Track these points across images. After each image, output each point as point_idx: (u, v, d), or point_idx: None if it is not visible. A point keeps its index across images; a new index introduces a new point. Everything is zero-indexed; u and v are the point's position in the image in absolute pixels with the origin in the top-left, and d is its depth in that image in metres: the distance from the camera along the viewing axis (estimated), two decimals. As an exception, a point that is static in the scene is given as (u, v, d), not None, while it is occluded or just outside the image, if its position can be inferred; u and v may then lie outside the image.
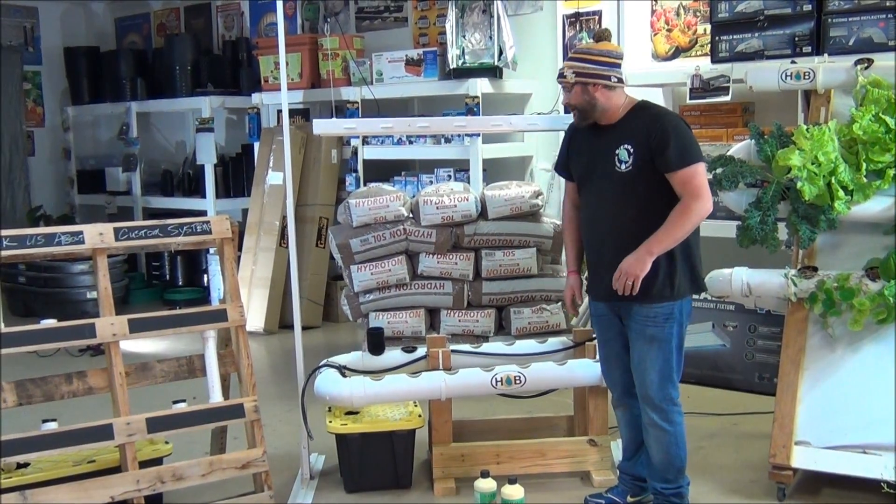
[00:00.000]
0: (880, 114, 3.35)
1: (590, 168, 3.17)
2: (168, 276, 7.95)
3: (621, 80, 3.08)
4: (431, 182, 5.81)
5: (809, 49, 4.39)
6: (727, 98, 4.67)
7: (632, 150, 3.02)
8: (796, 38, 4.45)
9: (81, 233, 3.19)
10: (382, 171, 6.23)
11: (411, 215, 4.54)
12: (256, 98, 6.91)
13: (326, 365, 3.64)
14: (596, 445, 3.62)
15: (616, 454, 3.70)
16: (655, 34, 5.45)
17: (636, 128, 3.04)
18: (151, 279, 8.09)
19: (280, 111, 5.67)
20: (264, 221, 6.56)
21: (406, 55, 6.04)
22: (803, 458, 3.30)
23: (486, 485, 3.24)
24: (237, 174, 7.47)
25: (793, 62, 3.75)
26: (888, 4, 4.20)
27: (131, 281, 7.61)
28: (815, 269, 3.45)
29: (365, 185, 5.31)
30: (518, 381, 3.53)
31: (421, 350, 3.69)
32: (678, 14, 5.37)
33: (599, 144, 3.12)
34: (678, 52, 5.39)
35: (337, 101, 6.34)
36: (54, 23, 8.71)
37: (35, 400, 3.10)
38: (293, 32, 7.13)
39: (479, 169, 5.58)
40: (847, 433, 3.28)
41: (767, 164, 3.47)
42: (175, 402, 3.41)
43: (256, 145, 6.91)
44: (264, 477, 3.36)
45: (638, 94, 3.24)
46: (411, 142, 6.05)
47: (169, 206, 7.71)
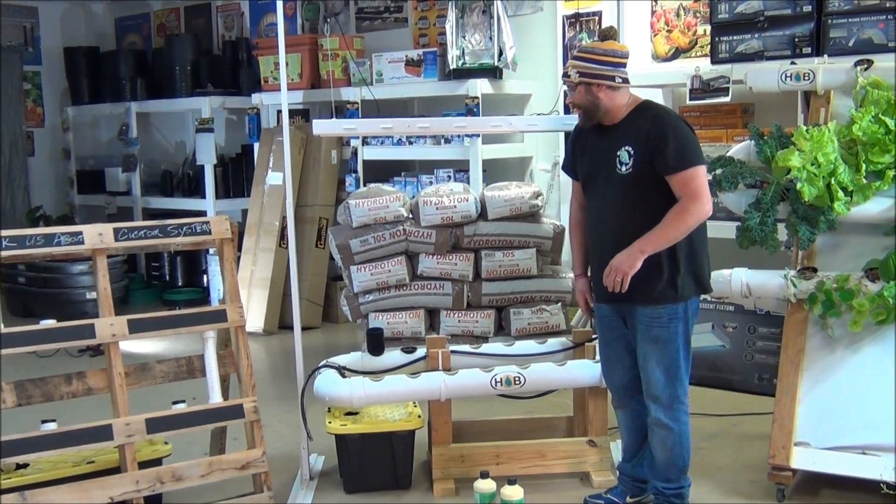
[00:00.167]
0: (880, 115, 3.35)
1: (593, 169, 3.15)
2: (168, 277, 7.95)
3: (626, 81, 3.06)
4: (431, 183, 5.80)
5: (809, 50, 4.39)
6: (727, 99, 4.67)
7: (632, 152, 3.00)
8: (796, 39, 4.45)
9: (81, 233, 3.19)
10: (382, 172, 6.23)
11: (411, 216, 4.54)
12: (256, 98, 6.91)
13: (326, 365, 3.63)
14: (595, 446, 3.62)
15: (615, 455, 3.70)
16: (655, 35, 5.45)
17: (637, 129, 3.01)
18: (151, 280, 8.09)
19: (280, 111, 5.67)
20: (264, 222, 6.56)
21: (406, 56, 6.04)
22: (803, 459, 3.30)
23: (486, 485, 3.24)
24: (237, 175, 7.47)
25: (793, 63, 3.75)
26: (888, 5, 4.20)
27: (131, 281, 7.61)
28: (815, 270, 3.45)
29: (365, 186, 5.30)
30: (517, 382, 3.53)
31: (420, 351, 3.69)
32: (678, 15, 5.38)
33: (603, 145, 3.11)
34: (678, 53, 5.39)
35: (337, 102, 6.35)
36: (54, 23, 8.71)
37: (34, 400, 3.10)
38: (293, 33, 7.13)
39: (479, 169, 5.58)
40: (846, 434, 3.28)
41: (767, 165, 3.47)
42: (174, 403, 3.41)
43: (256, 146, 6.91)
44: (264, 477, 3.36)
45: (638, 95, 3.23)
46: (411, 142, 6.05)
47: (168, 207, 7.71)
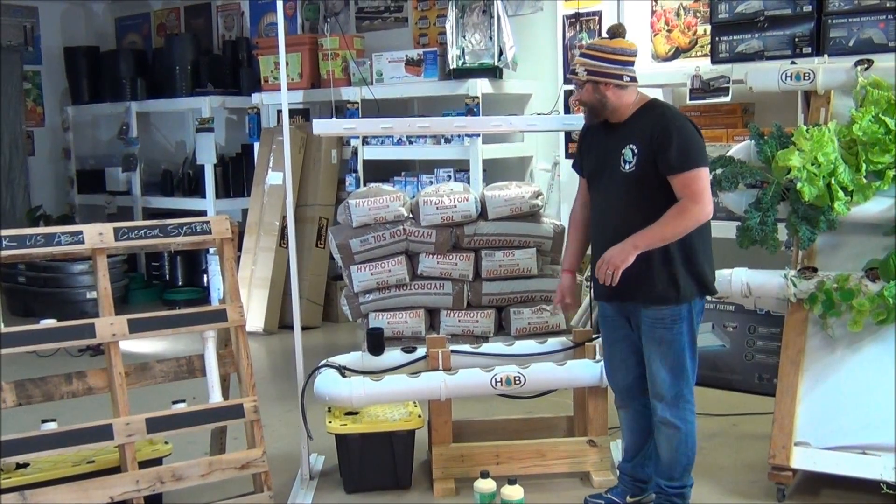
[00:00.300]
0: (880, 115, 3.35)
1: (598, 167, 3.14)
2: (168, 277, 7.95)
3: (634, 79, 3.04)
4: (431, 182, 5.80)
5: (809, 50, 4.39)
6: (727, 99, 4.68)
7: (636, 151, 2.98)
8: (796, 39, 4.45)
9: (81, 233, 3.19)
10: (382, 172, 6.23)
11: (411, 215, 4.54)
12: (256, 98, 6.91)
13: (326, 365, 3.63)
14: (595, 446, 3.62)
15: (616, 454, 3.70)
16: (655, 35, 5.45)
17: (642, 128, 3.00)
18: (151, 279, 8.09)
19: (280, 111, 5.68)
20: (264, 221, 6.56)
21: (406, 55, 6.04)
22: (803, 459, 3.30)
23: (486, 485, 3.24)
24: (237, 174, 7.46)
25: (793, 63, 3.75)
26: (888, 5, 4.20)
27: (131, 281, 7.62)
28: (815, 270, 3.45)
29: (365, 186, 5.31)
30: (518, 382, 3.53)
31: (421, 350, 3.69)
32: (678, 15, 5.37)
33: (608, 143, 3.09)
34: (678, 53, 5.39)
35: (337, 102, 6.35)
36: (54, 22, 8.71)
37: (34, 400, 3.10)
38: (293, 32, 7.13)
39: (479, 169, 5.58)
40: (846, 434, 3.28)
41: (767, 165, 3.47)
42: (174, 403, 3.41)
43: (256, 145, 6.91)
44: (264, 477, 3.36)
45: (646, 93, 3.19)
46: (411, 142, 6.05)
47: (169, 206, 7.71)
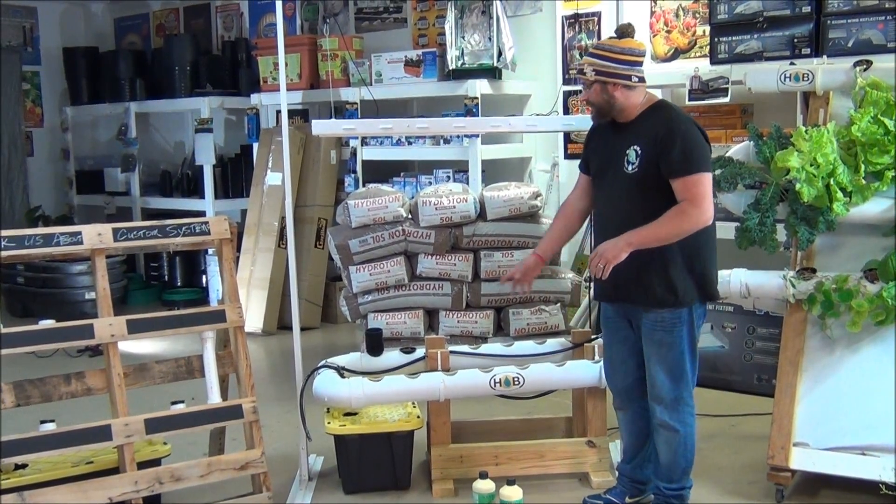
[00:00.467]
0: (879, 115, 3.35)
1: (603, 166, 3.13)
2: (167, 277, 7.94)
3: (642, 79, 3.02)
4: (430, 183, 5.80)
5: (808, 51, 4.39)
6: (726, 99, 4.68)
7: (639, 152, 2.97)
8: (795, 40, 4.45)
9: (80, 233, 3.18)
10: (381, 172, 6.22)
11: (410, 216, 4.54)
12: (255, 99, 6.91)
13: (325, 366, 3.63)
14: (594, 447, 3.62)
15: (615, 455, 3.70)
16: (654, 35, 5.45)
17: (647, 129, 2.98)
18: (150, 280, 8.09)
19: (279, 112, 5.67)
20: (263, 222, 6.56)
21: (405, 56, 6.04)
22: (802, 460, 3.30)
23: (485, 486, 3.24)
24: (236, 175, 7.46)
25: (792, 64, 3.75)
26: (887, 6, 4.20)
27: (130, 281, 7.61)
28: (814, 271, 3.46)
29: (364, 186, 5.30)
30: (517, 383, 3.53)
31: (419, 351, 3.69)
32: (677, 15, 5.38)
33: (614, 143, 3.08)
34: (677, 54, 5.39)
35: (336, 102, 6.35)
36: (53, 23, 8.70)
37: (33, 401, 3.10)
38: (292, 33, 7.13)
39: (478, 170, 5.58)
40: (845, 434, 3.28)
41: (766, 166, 3.47)
42: (173, 403, 3.41)
43: (255, 146, 6.91)
44: (263, 478, 3.36)
45: (654, 94, 3.18)
46: (410, 143, 6.05)
47: (168, 207, 7.71)
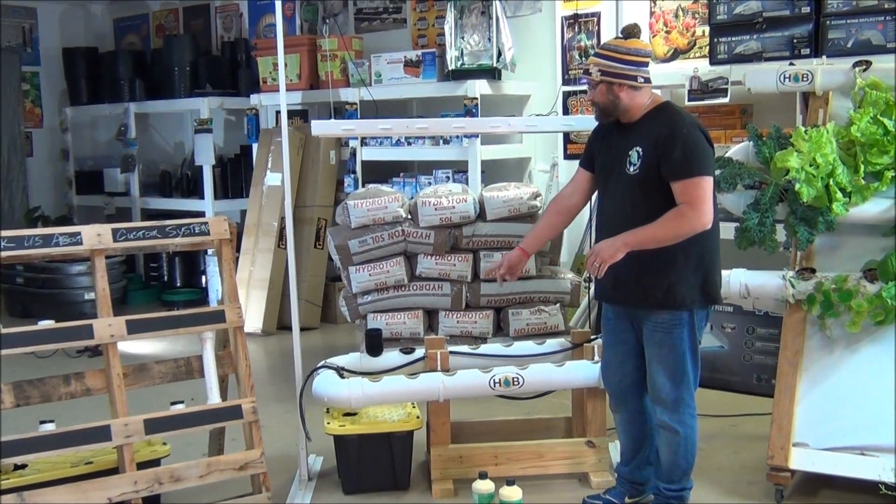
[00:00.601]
0: (878, 116, 3.36)
1: (606, 167, 3.12)
2: (166, 278, 7.94)
3: (648, 80, 3.01)
4: (430, 183, 5.80)
5: (808, 51, 4.40)
6: (725, 100, 4.68)
7: (642, 153, 2.96)
8: (795, 40, 4.46)
9: (79, 234, 3.18)
10: (381, 173, 6.23)
11: (409, 216, 4.54)
12: (255, 99, 6.92)
13: (324, 366, 3.63)
14: (594, 447, 3.62)
15: (614, 455, 3.70)
16: (654, 36, 5.45)
17: (650, 130, 2.97)
18: (149, 280, 8.08)
19: (279, 112, 5.66)
20: (262, 222, 6.55)
21: (405, 56, 6.04)
22: (801, 460, 3.30)
23: (485, 486, 3.24)
24: (235, 175, 7.46)
25: (791, 64, 3.75)
26: (886, 7, 4.21)
27: (129, 282, 7.61)
28: (814, 271, 3.46)
29: (363, 187, 5.31)
30: (516, 383, 3.53)
31: (419, 351, 3.69)
32: (677, 16, 5.38)
33: (618, 143, 3.07)
34: (677, 54, 5.39)
35: (335, 103, 6.35)
36: (53, 23, 8.70)
37: (33, 401, 3.09)
38: (292, 33, 7.14)
39: (478, 170, 5.58)
40: (845, 435, 3.28)
41: (766, 166, 3.48)
42: (173, 404, 3.41)
43: (255, 146, 6.91)
44: (262, 478, 3.36)
45: (659, 95, 3.18)
46: (410, 143, 6.05)
47: (167, 207, 7.70)
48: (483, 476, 3.26)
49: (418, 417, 3.65)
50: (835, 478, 3.33)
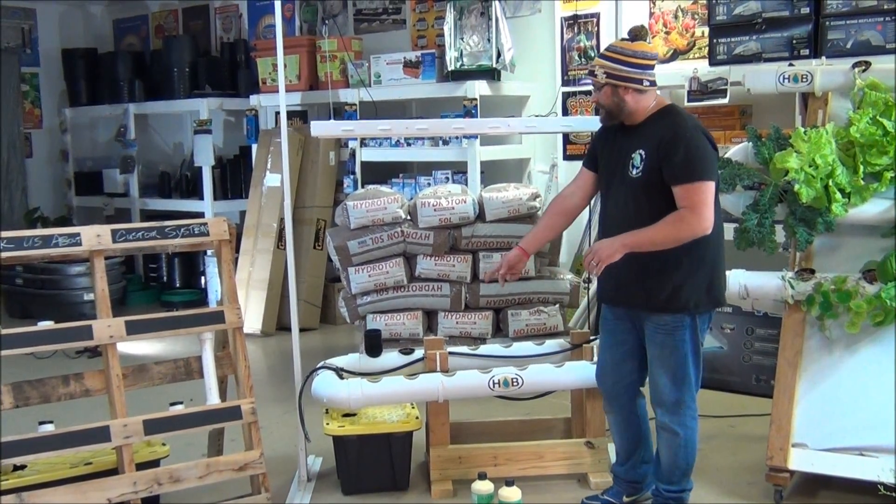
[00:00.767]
0: (878, 116, 3.35)
1: (610, 169, 3.11)
2: (165, 278, 7.94)
3: (653, 84, 2.99)
4: (429, 184, 5.81)
5: (807, 52, 4.40)
6: (725, 100, 4.69)
7: (644, 156, 2.95)
8: (794, 41, 4.46)
9: (79, 234, 3.18)
10: (380, 173, 6.23)
11: (409, 217, 4.54)
12: (254, 100, 6.92)
13: (324, 367, 3.63)
14: (593, 447, 3.62)
15: (613, 456, 3.69)
16: (653, 37, 5.45)
17: (653, 133, 2.95)
18: (149, 281, 8.09)
19: (278, 113, 5.66)
20: (262, 223, 6.55)
21: (404, 57, 6.04)
22: (800, 461, 3.30)
23: (484, 487, 3.24)
24: (235, 176, 7.46)
25: (790, 65, 3.75)
26: (886, 7, 4.21)
27: (129, 283, 7.60)
28: (813, 272, 3.46)
29: (363, 187, 5.31)
30: (515, 384, 3.53)
31: (418, 352, 3.69)
32: (676, 17, 5.38)
33: (622, 146, 3.06)
34: (676, 55, 5.40)
35: (335, 103, 6.35)
36: (52, 24, 8.70)
37: (32, 402, 3.09)
38: (291, 34, 7.14)
39: (477, 171, 5.58)
40: (844, 435, 3.28)
41: (765, 167, 3.47)
42: (172, 404, 3.40)
43: (254, 147, 6.91)
44: (261, 479, 3.36)
45: (664, 97, 3.16)
46: (409, 144, 6.05)
47: (166, 208, 7.70)
48: (482, 477, 3.26)
49: (417, 418, 3.65)
50: (834, 478, 3.33)
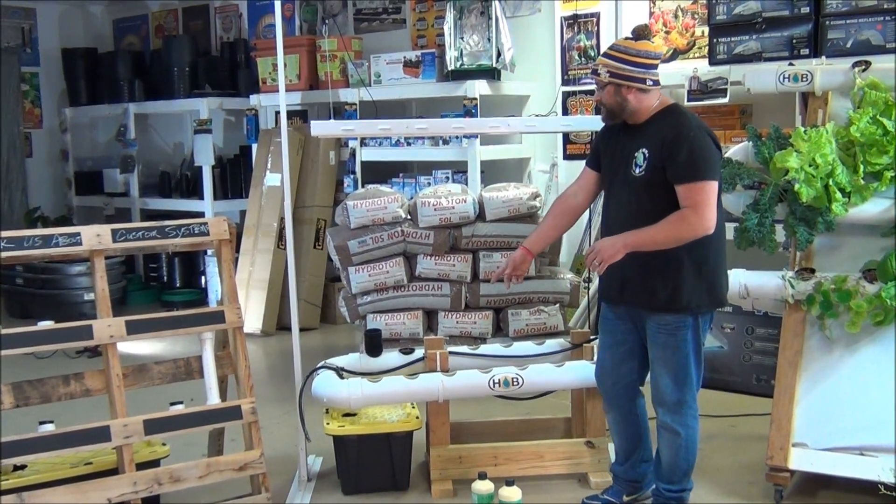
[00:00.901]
0: (878, 116, 3.35)
1: (613, 168, 3.11)
2: (165, 278, 7.94)
3: (657, 83, 2.99)
4: (429, 184, 5.81)
5: (807, 51, 4.40)
6: (725, 100, 4.69)
7: (648, 155, 2.94)
8: (794, 41, 4.46)
9: (79, 234, 3.18)
10: (380, 173, 6.23)
11: (409, 217, 4.54)
12: (254, 99, 6.92)
13: (324, 367, 3.63)
14: (593, 447, 3.62)
15: (613, 456, 3.69)
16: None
17: (656, 132, 2.95)
18: (149, 281, 8.09)
19: (278, 113, 5.67)
20: (262, 223, 6.56)
21: (404, 57, 6.04)
22: (800, 460, 3.30)
23: (484, 486, 3.24)
24: (235, 176, 7.46)
25: (790, 64, 3.75)
26: (886, 7, 4.21)
27: (129, 282, 7.61)
28: (813, 271, 3.46)
29: (363, 187, 5.31)
30: (516, 383, 3.53)
31: (418, 352, 3.69)
32: (676, 16, 5.38)
33: (624, 145, 3.05)
34: (676, 55, 5.39)
35: (335, 103, 6.35)
36: (52, 24, 8.70)
37: (32, 402, 3.09)
38: (291, 34, 7.13)
39: (477, 170, 5.58)
40: (844, 435, 3.28)
41: (765, 166, 3.47)
42: (172, 404, 3.40)
43: (254, 147, 6.91)
44: (262, 479, 3.36)
45: (668, 97, 3.15)
46: (409, 143, 6.05)
47: (167, 208, 7.70)
48: (482, 476, 3.26)
49: (418, 418, 3.65)
50: (834, 478, 3.33)
